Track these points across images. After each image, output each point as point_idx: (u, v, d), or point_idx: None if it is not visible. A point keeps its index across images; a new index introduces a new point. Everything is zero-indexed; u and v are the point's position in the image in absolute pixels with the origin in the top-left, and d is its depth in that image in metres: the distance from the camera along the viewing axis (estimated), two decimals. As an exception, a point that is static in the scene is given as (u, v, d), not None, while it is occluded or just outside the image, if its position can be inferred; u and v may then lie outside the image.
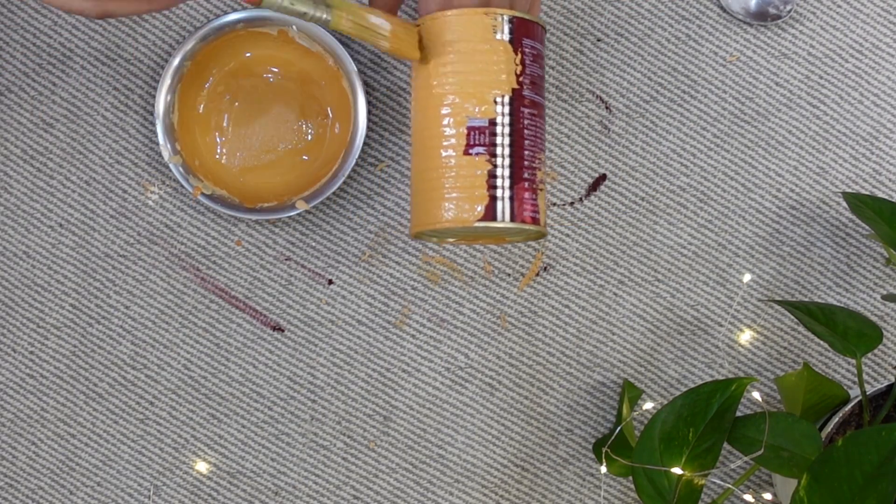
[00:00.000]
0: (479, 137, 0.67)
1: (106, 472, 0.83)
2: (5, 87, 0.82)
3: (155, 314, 0.83)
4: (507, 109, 0.68)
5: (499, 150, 0.67)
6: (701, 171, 0.84)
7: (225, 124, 0.82)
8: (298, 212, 0.80)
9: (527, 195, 0.68)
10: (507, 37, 0.68)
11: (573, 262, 0.84)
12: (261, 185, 0.82)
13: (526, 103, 0.68)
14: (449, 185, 0.68)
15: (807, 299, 0.84)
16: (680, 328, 0.84)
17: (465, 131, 0.67)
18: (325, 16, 0.64)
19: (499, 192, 0.67)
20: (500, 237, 0.73)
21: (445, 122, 0.68)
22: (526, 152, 0.68)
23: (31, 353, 0.83)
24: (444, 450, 0.84)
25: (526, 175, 0.68)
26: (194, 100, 0.82)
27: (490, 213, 0.67)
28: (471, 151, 0.67)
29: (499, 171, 0.67)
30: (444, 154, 0.68)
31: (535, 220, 0.69)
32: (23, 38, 0.82)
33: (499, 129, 0.68)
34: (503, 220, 0.67)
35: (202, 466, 0.83)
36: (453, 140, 0.68)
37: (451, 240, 0.74)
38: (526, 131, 0.68)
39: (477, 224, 0.67)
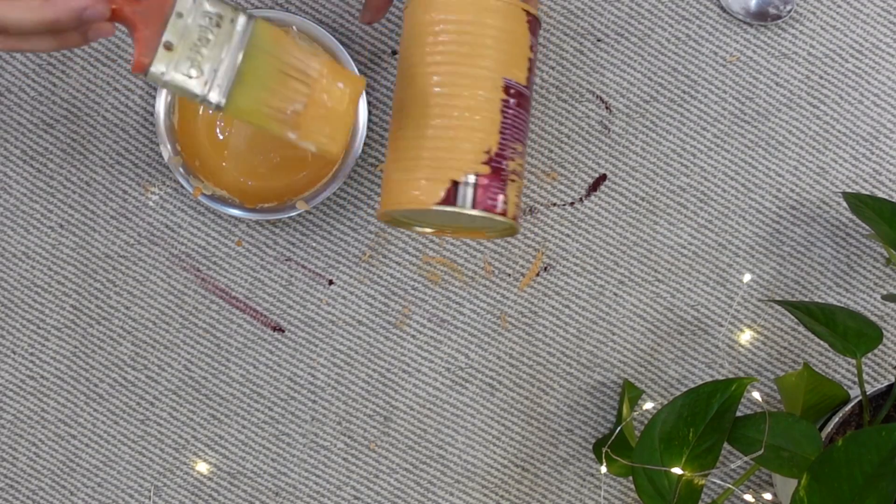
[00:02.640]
0: None
1: (107, 472, 0.83)
2: (5, 87, 0.82)
3: (155, 315, 0.83)
4: None
5: None
6: (701, 171, 0.84)
7: (225, 124, 0.82)
8: (299, 212, 0.80)
9: (493, 184, 0.66)
10: None
11: (573, 262, 0.84)
12: (261, 186, 0.82)
13: (510, 92, 0.66)
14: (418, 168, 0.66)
15: (807, 299, 0.84)
16: (680, 328, 0.84)
17: None
18: (218, 100, 0.60)
19: (462, 178, 0.65)
20: (470, 228, 0.71)
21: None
22: (501, 140, 0.66)
23: (32, 354, 0.83)
24: (445, 450, 0.84)
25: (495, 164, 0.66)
26: (194, 100, 0.81)
27: (451, 198, 0.65)
28: None
29: None
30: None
31: (503, 212, 0.66)
32: (23, 38, 0.82)
33: None
34: (463, 206, 0.65)
35: (203, 467, 0.83)
36: None
37: (427, 230, 0.72)
38: (503, 120, 0.66)
39: (435, 207, 0.65)
